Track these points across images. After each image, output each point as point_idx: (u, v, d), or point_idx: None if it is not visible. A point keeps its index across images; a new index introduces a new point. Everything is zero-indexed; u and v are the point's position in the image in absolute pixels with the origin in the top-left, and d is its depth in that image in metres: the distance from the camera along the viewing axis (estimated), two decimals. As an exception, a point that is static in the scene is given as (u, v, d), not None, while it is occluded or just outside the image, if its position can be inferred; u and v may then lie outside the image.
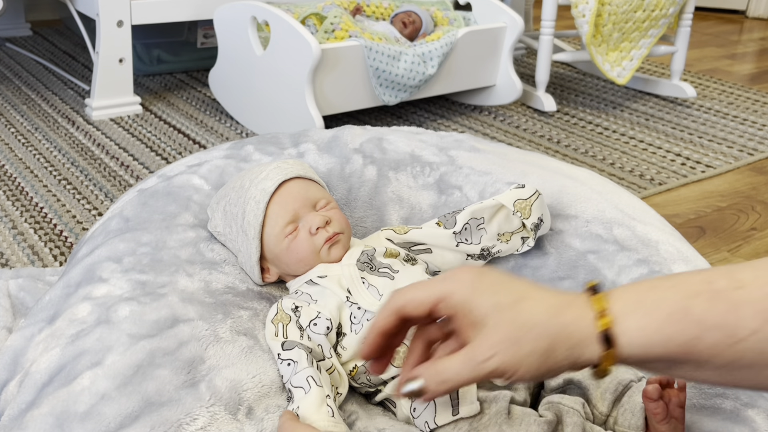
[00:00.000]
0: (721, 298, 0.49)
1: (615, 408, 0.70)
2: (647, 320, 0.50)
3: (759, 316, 0.48)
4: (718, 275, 0.50)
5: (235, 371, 0.71)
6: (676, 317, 0.49)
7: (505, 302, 0.52)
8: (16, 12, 2.50)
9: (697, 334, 0.49)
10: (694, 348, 0.49)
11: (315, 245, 0.82)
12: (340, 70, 1.68)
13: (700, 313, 0.49)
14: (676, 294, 0.50)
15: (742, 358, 0.49)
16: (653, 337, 0.50)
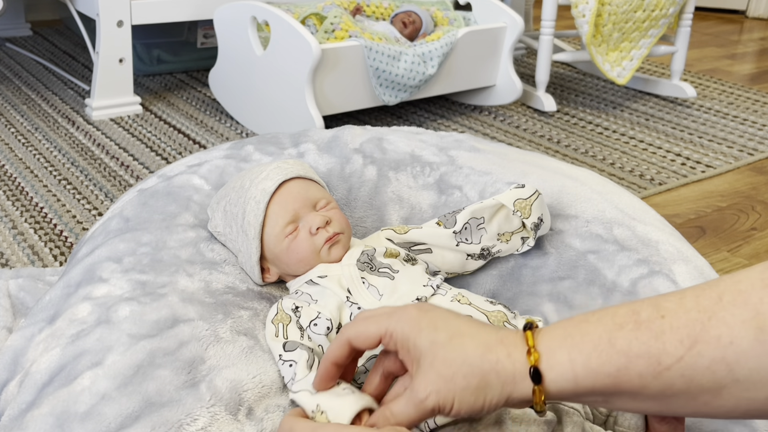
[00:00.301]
0: (644, 327, 0.50)
1: (615, 408, 0.70)
2: (574, 354, 0.51)
3: (682, 343, 0.48)
4: (644, 306, 0.51)
5: (235, 371, 0.71)
6: (601, 349, 0.51)
7: (440, 340, 0.54)
8: (16, 12, 2.50)
9: (624, 364, 0.50)
10: (623, 378, 0.50)
11: (315, 245, 0.82)
12: (340, 70, 1.68)
13: (625, 344, 0.50)
14: (602, 327, 0.51)
15: (672, 386, 0.49)
16: (581, 371, 0.51)
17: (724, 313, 0.48)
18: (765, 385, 0.47)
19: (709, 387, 0.48)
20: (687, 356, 0.48)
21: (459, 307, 0.75)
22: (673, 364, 0.48)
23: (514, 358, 0.53)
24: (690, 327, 0.48)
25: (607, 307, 0.54)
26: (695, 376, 0.48)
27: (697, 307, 0.49)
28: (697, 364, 0.48)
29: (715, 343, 0.47)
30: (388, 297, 0.77)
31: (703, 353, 0.48)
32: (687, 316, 0.49)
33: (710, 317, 0.48)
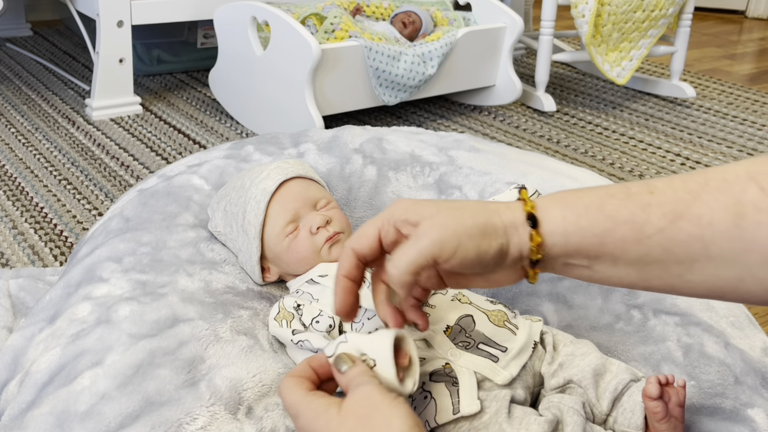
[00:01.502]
0: (633, 199, 0.54)
1: (615, 407, 0.70)
2: (566, 212, 0.56)
3: (665, 217, 0.53)
4: (636, 184, 0.56)
5: (235, 370, 0.72)
6: (591, 211, 0.55)
7: (442, 205, 0.58)
8: (16, 12, 2.50)
9: (610, 227, 0.54)
10: (607, 240, 0.55)
11: (315, 244, 0.82)
12: (340, 70, 1.68)
13: (613, 210, 0.55)
14: (594, 194, 0.56)
15: (650, 254, 0.54)
16: (571, 228, 0.56)
17: (708, 197, 0.52)
18: (732, 266, 0.51)
19: (683, 259, 0.53)
20: (668, 229, 0.53)
21: (459, 305, 0.75)
22: (655, 233, 0.53)
23: (513, 208, 0.58)
24: (675, 204, 0.53)
25: (601, 185, 0.58)
26: (673, 247, 0.53)
27: (684, 188, 0.53)
28: (677, 237, 0.52)
29: (696, 221, 0.52)
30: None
31: (683, 228, 0.52)
32: (674, 195, 0.53)
33: (695, 198, 0.52)
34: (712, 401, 0.73)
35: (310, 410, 0.56)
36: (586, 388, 0.71)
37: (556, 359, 0.74)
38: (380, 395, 0.55)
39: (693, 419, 0.72)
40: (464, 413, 0.67)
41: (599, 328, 0.83)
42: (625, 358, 0.79)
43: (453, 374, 0.69)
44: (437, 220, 0.57)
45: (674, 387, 0.67)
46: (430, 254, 0.56)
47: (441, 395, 0.69)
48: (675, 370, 0.76)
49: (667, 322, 0.81)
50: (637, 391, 0.70)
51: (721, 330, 0.80)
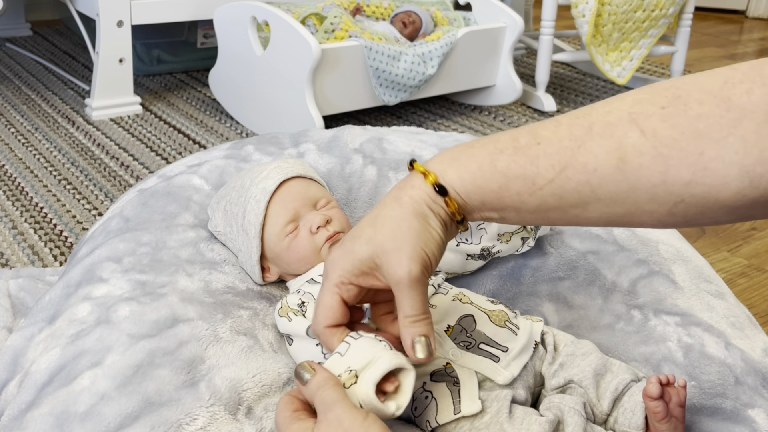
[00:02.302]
0: (522, 152, 0.57)
1: (615, 407, 0.70)
2: (462, 173, 0.59)
3: (553, 168, 0.56)
4: (523, 133, 0.58)
5: (234, 371, 0.71)
6: (485, 169, 0.58)
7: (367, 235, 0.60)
8: (16, 12, 2.50)
9: (504, 183, 0.58)
10: (504, 195, 0.58)
11: (316, 244, 0.82)
12: (340, 70, 1.68)
13: (504, 166, 0.57)
14: (485, 151, 0.58)
15: (546, 202, 0.57)
16: (470, 187, 0.59)
17: (592, 143, 0.54)
18: (621, 204, 0.55)
19: (576, 203, 0.56)
20: (557, 179, 0.56)
21: (460, 305, 0.75)
22: (545, 185, 0.56)
23: (419, 187, 0.60)
24: (561, 154, 0.55)
25: (490, 135, 0.60)
26: (564, 194, 0.56)
27: (569, 136, 0.55)
28: (566, 185, 0.56)
29: (582, 169, 0.55)
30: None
31: (571, 177, 0.55)
32: (560, 144, 0.56)
33: (579, 146, 0.55)
34: (712, 401, 0.73)
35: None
36: (587, 388, 0.71)
37: (556, 359, 0.74)
38: (351, 419, 0.56)
39: (693, 419, 0.72)
40: (465, 413, 0.67)
41: (600, 328, 0.83)
42: (626, 358, 0.79)
43: (454, 374, 0.69)
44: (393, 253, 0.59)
45: (675, 387, 0.67)
46: (421, 280, 0.59)
47: (442, 395, 0.69)
48: (675, 371, 0.76)
49: (668, 323, 0.81)
50: (637, 391, 0.70)
51: (721, 330, 0.80)
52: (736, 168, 0.51)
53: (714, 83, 0.53)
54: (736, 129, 0.51)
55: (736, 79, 0.52)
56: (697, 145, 0.52)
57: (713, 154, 0.51)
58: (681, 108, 0.52)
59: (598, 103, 0.57)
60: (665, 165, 0.52)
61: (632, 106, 0.54)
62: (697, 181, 0.52)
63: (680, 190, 0.53)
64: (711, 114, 0.52)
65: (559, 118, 0.58)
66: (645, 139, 0.53)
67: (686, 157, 0.52)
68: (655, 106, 0.53)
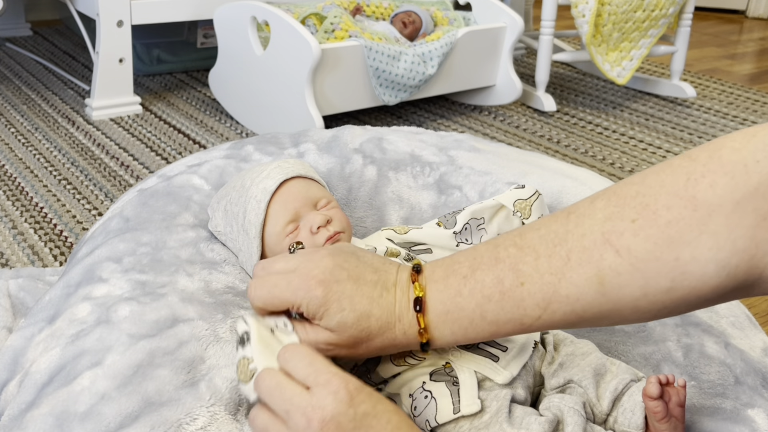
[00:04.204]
0: (507, 297, 0.59)
1: (615, 407, 0.70)
2: (455, 328, 0.62)
3: (539, 306, 0.58)
4: (506, 270, 0.60)
5: (235, 371, 0.71)
6: (476, 323, 0.61)
7: (348, 320, 0.62)
8: (16, 12, 2.50)
9: (495, 330, 0.61)
10: (497, 336, 0.62)
11: (316, 244, 0.82)
12: (340, 70, 1.68)
13: (494, 316, 0.60)
14: (474, 302, 0.60)
15: (537, 330, 0.61)
16: (461, 339, 0.63)
17: (572, 273, 0.57)
18: (607, 319, 0.58)
19: (564, 327, 0.60)
20: (544, 315, 0.59)
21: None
22: (533, 322, 0.59)
23: (409, 335, 0.63)
24: (544, 291, 0.58)
25: (475, 268, 0.61)
26: (553, 325, 0.60)
27: (549, 269, 0.58)
28: (553, 318, 0.59)
29: (565, 301, 0.57)
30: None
31: (556, 311, 0.58)
32: (541, 280, 0.58)
33: (560, 279, 0.57)
34: (712, 401, 0.73)
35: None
36: (587, 388, 0.71)
37: (556, 359, 0.74)
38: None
39: (693, 419, 0.72)
40: (465, 413, 0.67)
41: (599, 328, 0.83)
42: (626, 358, 0.79)
43: (453, 374, 0.69)
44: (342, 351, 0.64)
45: (675, 387, 0.67)
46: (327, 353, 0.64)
47: (441, 395, 0.69)
48: (675, 371, 0.76)
49: (667, 323, 0.81)
50: (637, 391, 0.70)
51: (721, 330, 0.80)
52: (713, 265, 0.52)
53: (677, 183, 0.54)
54: (706, 226, 0.52)
55: (697, 173, 0.53)
56: (671, 252, 0.53)
57: (688, 257, 0.53)
58: (651, 217, 0.54)
59: (571, 222, 0.58)
60: (644, 279, 0.54)
61: (604, 224, 0.56)
62: (677, 286, 0.54)
63: (662, 297, 0.55)
64: (680, 217, 0.53)
65: (535, 245, 0.59)
66: (621, 259, 0.54)
67: (663, 267, 0.53)
68: (625, 220, 0.55)
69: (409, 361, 0.72)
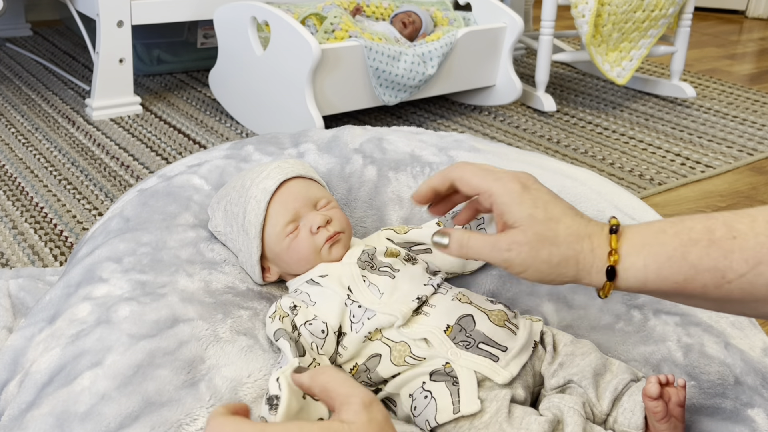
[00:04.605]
0: (716, 245, 0.56)
1: (615, 407, 0.70)
2: (649, 261, 0.58)
3: (747, 262, 0.55)
4: (718, 224, 0.57)
5: (235, 370, 0.72)
6: (674, 260, 0.57)
7: (538, 216, 0.61)
8: (16, 12, 2.50)
9: (692, 275, 0.57)
10: (688, 286, 0.57)
11: (316, 244, 0.82)
12: (340, 70, 1.68)
13: (696, 259, 0.57)
14: (678, 240, 0.58)
15: (730, 295, 0.57)
16: (652, 276, 0.58)
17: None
18: None
19: (762, 298, 0.56)
20: (749, 274, 0.55)
21: (459, 305, 0.75)
22: (736, 279, 0.56)
23: (596, 254, 0.60)
24: (757, 249, 0.55)
25: (683, 219, 0.59)
26: (753, 290, 0.55)
27: (766, 231, 0.55)
28: (757, 281, 0.55)
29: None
30: (388, 296, 0.77)
31: (763, 272, 0.54)
32: (756, 239, 0.55)
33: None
34: (712, 401, 0.73)
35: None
36: (586, 387, 0.71)
37: (556, 359, 0.74)
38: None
39: (693, 419, 0.72)
40: (464, 413, 0.67)
41: (599, 328, 0.83)
42: (625, 358, 0.79)
43: (453, 374, 0.69)
44: (523, 249, 0.61)
45: (674, 387, 0.67)
46: (502, 265, 0.62)
47: (441, 395, 0.69)
48: (675, 370, 0.76)
49: (667, 322, 0.81)
50: (637, 391, 0.70)
51: (721, 330, 0.80)
52: None
53: None
54: None
55: None
56: None
57: None
58: None
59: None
60: None
61: None
62: None
63: None
64: None
65: (753, 212, 0.57)
66: None
67: None
68: None
69: (409, 361, 0.72)
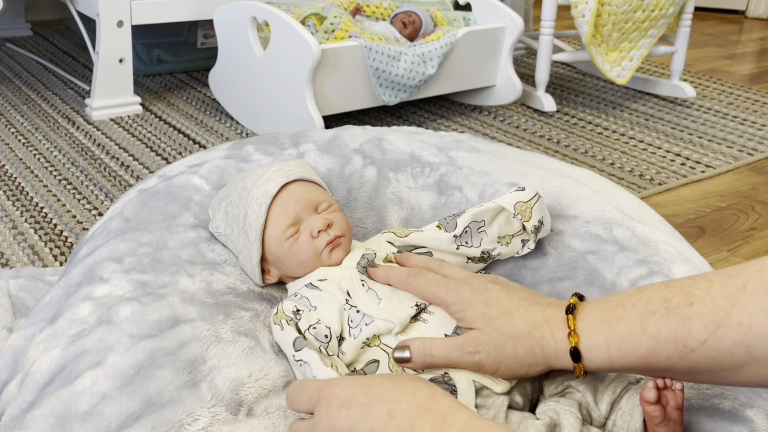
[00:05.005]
0: (673, 313, 0.56)
1: (613, 411, 0.70)
2: (609, 339, 0.59)
3: (706, 328, 0.54)
4: (675, 292, 0.57)
5: (236, 371, 0.72)
6: (634, 334, 0.57)
7: (492, 315, 0.64)
8: (16, 12, 2.50)
9: (653, 347, 0.57)
10: (652, 359, 0.57)
11: (316, 248, 0.82)
12: (340, 70, 1.68)
13: (655, 330, 0.56)
14: (635, 313, 0.58)
15: (697, 365, 0.56)
16: (615, 353, 0.59)
17: (747, 300, 0.53)
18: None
19: (729, 365, 0.54)
20: (710, 339, 0.54)
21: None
22: (698, 346, 0.55)
23: (557, 337, 0.61)
24: (715, 313, 0.54)
25: (641, 290, 0.59)
26: (717, 356, 0.54)
27: (722, 294, 0.54)
28: (720, 346, 0.54)
29: (736, 328, 0.53)
30: (387, 301, 0.77)
31: (725, 337, 0.53)
32: (713, 303, 0.54)
33: (733, 304, 0.53)
34: (710, 402, 0.73)
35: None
36: (584, 392, 0.71)
37: (555, 362, 0.74)
38: None
39: (692, 420, 0.72)
40: (463, 416, 0.67)
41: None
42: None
43: (452, 382, 0.69)
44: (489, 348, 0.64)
45: (672, 390, 0.67)
46: (473, 368, 0.65)
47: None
48: (675, 371, 0.76)
49: (667, 323, 0.81)
50: (635, 394, 0.70)
51: (720, 331, 0.80)
52: None
53: None
54: None
55: None
56: None
57: None
58: None
59: (750, 261, 0.55)
60: None
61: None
62: None
63: None
64: None
65: (710, 276, 0.56)
66: None
67: None
68: None
69: (408, 370, 0.72)
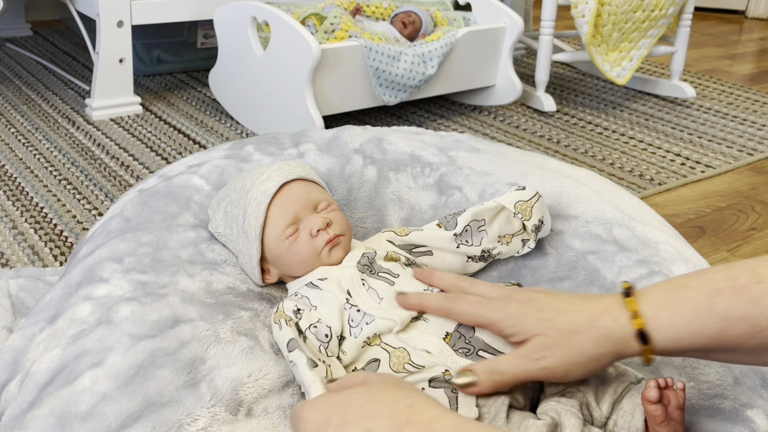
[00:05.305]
0: (742, 293, 0.54)
1: (615, 410, 0.70)
2: (676, 319, 0.57)
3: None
4: (740, 272, 0.55)
5: (235, 371, 0.72)
6: (703, 314, 0.56)
7: (548, 317, 0.61)
8: (16, 12, 2.50)
9: (723, 327, 0.55)
10: (722, 339, 0.55)
11: (316, 247, 0.82)
12: (340, 70, 1.68)
13: (724, 309, 0.55)
14: (701, 292, 0.56)
15: (766, 343, 0.54)
16: (683, 333, 0.57)
17: None
18: None
19: None
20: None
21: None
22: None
23: (621, 323, 0.59)
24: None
25: (702, 271, 0.58)
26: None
27: None
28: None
29: None
30: (387, 301, 0.77)
31: None
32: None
33: None
34: (711, 402, 0.73)
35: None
36: (585, 391, 0.71)
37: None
38: None
39: (692, 420, 0.72)
40: (463, 416, 0.67)
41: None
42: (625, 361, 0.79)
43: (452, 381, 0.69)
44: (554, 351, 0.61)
45: (674, 390, 0.67)
46: (543, 375, 0.62)
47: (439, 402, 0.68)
48: (674, 372, 0.77)
49: (667, 323, 0.81)
50: (636, 394, 0.70)
51: (720, 331, 0.80)
52: None
53: None
54: None
55: None
56: None
57: None
58: None
59: None
60: None
61: None
62: None
63: None
64: None
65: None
66: None
67: None
68: None
69: (408, 368, 0.72)
